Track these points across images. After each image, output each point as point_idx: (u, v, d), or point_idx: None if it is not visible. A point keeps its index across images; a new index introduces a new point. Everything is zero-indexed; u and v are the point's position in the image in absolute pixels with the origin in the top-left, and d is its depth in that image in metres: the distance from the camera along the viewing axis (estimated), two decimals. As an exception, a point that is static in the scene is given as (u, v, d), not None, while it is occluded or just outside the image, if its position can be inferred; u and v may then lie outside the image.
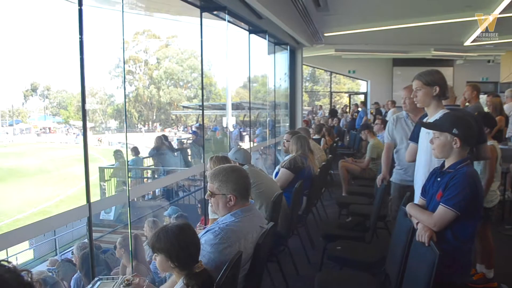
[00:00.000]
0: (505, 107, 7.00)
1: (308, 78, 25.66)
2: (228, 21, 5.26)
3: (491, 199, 3.76)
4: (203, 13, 4.59)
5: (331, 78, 18.97)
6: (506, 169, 5.64)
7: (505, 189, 6.07)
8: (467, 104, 5.86)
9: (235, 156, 3.78)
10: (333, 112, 14.76)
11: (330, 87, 19.13)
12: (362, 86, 18.69)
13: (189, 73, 36.11)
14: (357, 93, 19.36)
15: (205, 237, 2.13)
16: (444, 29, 8.24)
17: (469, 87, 5.88)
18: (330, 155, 6.19)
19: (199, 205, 5.62)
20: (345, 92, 20.28)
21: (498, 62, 14.18)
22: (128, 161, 9.20)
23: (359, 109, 13.85)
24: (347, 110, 16.69)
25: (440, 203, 2.19)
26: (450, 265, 2.17)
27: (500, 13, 6.71)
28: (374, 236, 4.31)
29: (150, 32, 36.16)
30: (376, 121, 7.22)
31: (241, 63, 6.31)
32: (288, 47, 8.19)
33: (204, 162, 4.47)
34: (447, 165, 2.29)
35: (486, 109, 7.34)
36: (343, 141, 11.55)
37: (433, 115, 2.80)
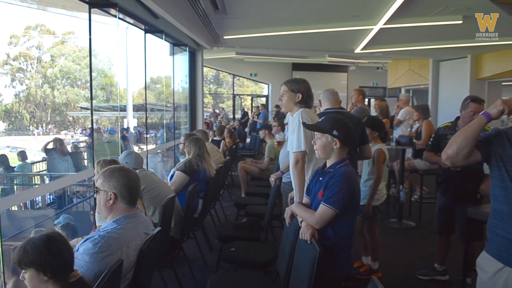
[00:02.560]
0: (402, 111, 7.59)
1: (212, 80, 25.68)
2: (122, 19, 5.06)
3: (378, 198, 4.03)
4: (92, 9, 4.35)
5: (233, 80, 19.16)
6: (390, 167, 6.12)
7: (390, 186, 6.59)
8: (354, 107, 6.26)
9: (125, 160, 3.63)
10: (245, 114, 15.04)
11: (233, 90, 19.33)
12: (265, 89, 19.16)
13: (87, 73, 34.12)
14: (259, 96, 19.81)
15: (84, 246, 1.98)
16: (336, 36, 8.70)
17: (356, 92, 6.30)
18: (228, 157, 6.23)
19: (91, 212, 5.31)
20: (248, 95, 20.64)
21: (386, 69, 15.42)
22: (14, 167, 8.47)
23: (260, 111, 14.20)
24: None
25: (321, 202, 2.28)
26: (331, 260, 2.27)
27: (384, 24, 7.27)
28: (271, 236, 4.42)
29: (44, 27, 33.55)
30: (274, 123, 7.44)
31: (144, 63, 6.12)
32: (188, 48, 8.09)
33: (94, 166, 4.23)
34: (328, 165, 2.39)
35: (373, 111, 7.91)
36: (244, 142, 11.73)
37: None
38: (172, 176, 4.35)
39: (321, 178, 2.37)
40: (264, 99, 18.70)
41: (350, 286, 3.59)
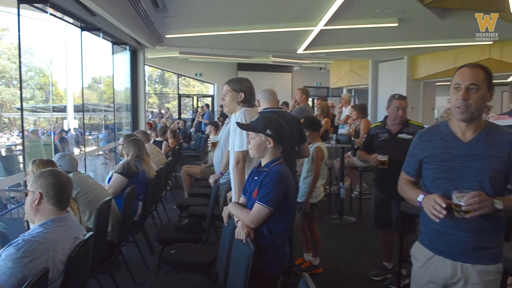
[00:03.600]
0: (348, 110, 7.80)
1: (157, 80, 25.18)
2: (55, 16, 4.84)
3: (316, 195, 4.11)
4: (22, 5, 4.13)
5: (178, 80, 18.90)
6: (331, 165, 6.28)
7: (331, 184, 6.76)
8: (296, 106, 6.37)
9: (59, 163, 3.47)
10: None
11: (178, 89, 19.06)
12: (210, 89, 19.06)
13: (25, 72, 32.29)
14: (205, 96, 19.65)
15: (6, 252, 1.89)
16: (279, 37, 8.81)
17: (299, 91, 6.40)
18: (170, 158, 6.12)
19: (24, 219, 5.03)
20: (195, 95, 20.41)
21: (328, 69, 15.82)
22: None
23: (205, 111, 14.14)
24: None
25: (256, 201, 2.29)
26: (266, 258, 2.29)
27: (324, 25, 7.44)
28: (214, 236, 4.39)
29: (-25, 24, 31.43)
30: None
31: (85, 62, 5.90)
32: (128, 47, 7.87)
33: (25, 170, 4.03)
34: (263, 164, 2.41)
35: (316, 111, 8.09)
36: (189, 143, 11.61)
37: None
38: (110, 178, 4.21)
39: (256, 177, 2.39)
40: (210, 99, 18.60)
41: (291, 283, 3.65)
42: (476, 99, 1.83)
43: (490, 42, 8.96)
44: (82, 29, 5.74)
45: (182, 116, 18.35)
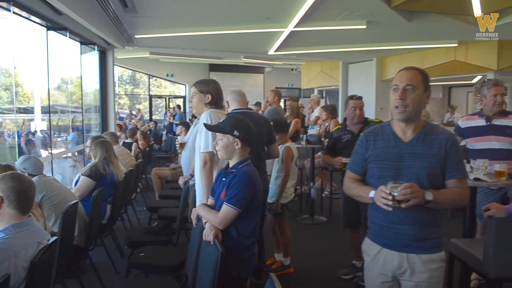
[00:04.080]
0: (318, 110, 7.87)
1: (128, 81, 24.82)
2: (18, 14, 4.71)
3: (286, 196, 4.13)
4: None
5: (149, 81, 18.70)
6: (301, 165, 6.34)
7: (302, 184, 6.82)
8: (269, 107, 6.41)
9: (23, 166, 3.39)
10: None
11: (149, 90, 18.86)
12: (182, 90, 18.92)
13: (-11, 72, 31.19)
14: (177, 97, 19.49)
15: None
16: (250, 38, 8.82)
17: (271, 92, 6.44)
18: (140, 160, 6.04)
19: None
20: (166, 96, 20.20)
21: (300, 70, 15.93)
22: None
23: (176, 112, 14.03)
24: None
25: (224, 202, 2.29)
26: (235, 259, 2.30)
27: (294, 27, 7.49)
28: (185, 238, 4.36)
29: None
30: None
31: (54, 62, 5.74)
32: (97, 47, 7.73)
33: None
34: (230, 165, 2.41)
35: (286, 111, 8.14)
36: (161, 144, 11.49)
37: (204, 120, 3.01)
38: (77, 181, 4.12)
39: (224, 179, 2.39)
40: (181, 100, 18.46)
41: (261, 283, 3.66)
42: (412, 99, 1.94)
43: (455, 44, 9.22)
44: (48, 28, 5.60)
45: (154, 117, 18.14)
